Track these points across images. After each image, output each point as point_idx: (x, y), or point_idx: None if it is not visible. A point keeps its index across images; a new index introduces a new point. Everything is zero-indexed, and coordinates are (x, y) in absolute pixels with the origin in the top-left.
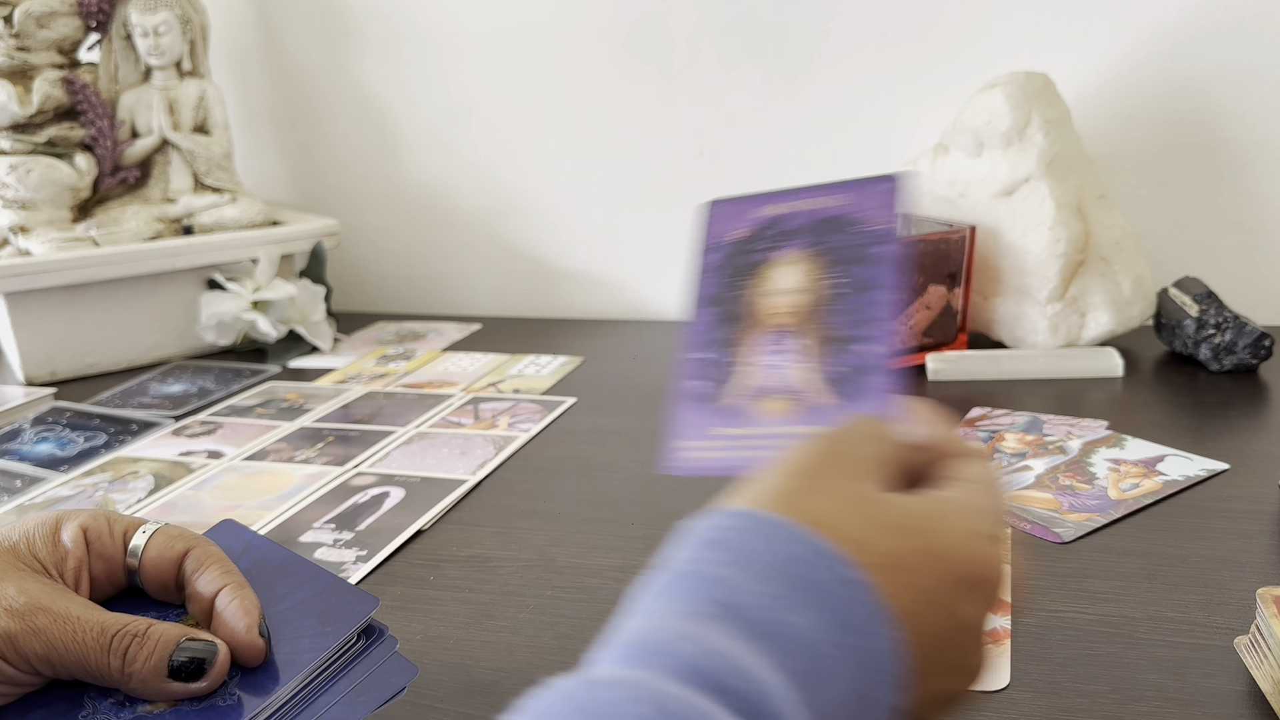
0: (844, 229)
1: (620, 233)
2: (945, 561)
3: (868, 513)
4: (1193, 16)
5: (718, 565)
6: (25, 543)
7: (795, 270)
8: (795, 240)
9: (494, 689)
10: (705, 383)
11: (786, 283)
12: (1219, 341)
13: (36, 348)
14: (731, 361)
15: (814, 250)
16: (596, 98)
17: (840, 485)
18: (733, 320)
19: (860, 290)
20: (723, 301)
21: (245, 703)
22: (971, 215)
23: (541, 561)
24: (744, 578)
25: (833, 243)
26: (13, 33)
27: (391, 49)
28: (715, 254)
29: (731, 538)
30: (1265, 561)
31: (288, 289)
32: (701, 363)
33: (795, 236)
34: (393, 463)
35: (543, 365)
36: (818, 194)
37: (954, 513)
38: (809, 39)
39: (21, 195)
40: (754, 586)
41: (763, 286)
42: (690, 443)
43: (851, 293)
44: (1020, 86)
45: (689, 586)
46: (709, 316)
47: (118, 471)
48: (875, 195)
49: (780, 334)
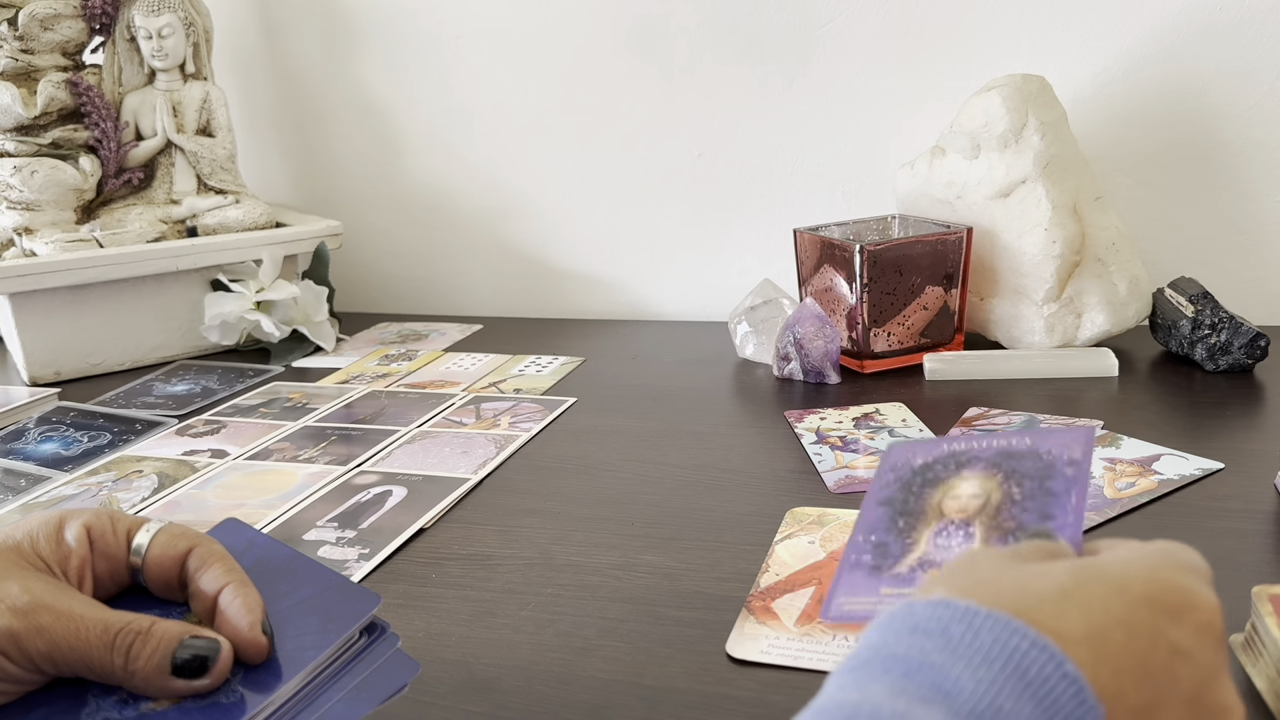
0: (1031, 457)
1: (620, 233)
2: (1130, 588)
3: (1058, 592)
4: (1189, 19)
5: (928, 651)
6: (29, 541)
7: (977, 481)
8: (979, 464)
9: (495, 686)
10: (875, 558)
11: (968, 489)
12: (1214, 342)
13: (41, 348)
14: (905, 544)
15: (998, 469)
16: (597, 100)
17: (1018, 571)
18: (909, 514)
19: (1045, 494)
20: (898, 502)
21: (248, 700)
22: (968, 216)
23: (542, 560)
24: (955, 663)
25: (1019, 465)
26: (17, 35)
27: (394, 51)
28: (892, 473)
29: (936, 626)
30: (1260, 560)
31: (291, 289)
32: (873, 544)
33: (979, 462)
34: (395, 462)
35: (543, 365)
36: (1003, 437)
37: (1130, 558)
38: (808, 41)
39: (26, 197)
40: (966, 673)
41: (942, 492)
42: (855, 598)
43: (1035, 495)
44: (1017, 89)
45: (900, 670)
46: (883, 512)
47: (121, 471)
48: (1064, 436)
49: (957, 524)
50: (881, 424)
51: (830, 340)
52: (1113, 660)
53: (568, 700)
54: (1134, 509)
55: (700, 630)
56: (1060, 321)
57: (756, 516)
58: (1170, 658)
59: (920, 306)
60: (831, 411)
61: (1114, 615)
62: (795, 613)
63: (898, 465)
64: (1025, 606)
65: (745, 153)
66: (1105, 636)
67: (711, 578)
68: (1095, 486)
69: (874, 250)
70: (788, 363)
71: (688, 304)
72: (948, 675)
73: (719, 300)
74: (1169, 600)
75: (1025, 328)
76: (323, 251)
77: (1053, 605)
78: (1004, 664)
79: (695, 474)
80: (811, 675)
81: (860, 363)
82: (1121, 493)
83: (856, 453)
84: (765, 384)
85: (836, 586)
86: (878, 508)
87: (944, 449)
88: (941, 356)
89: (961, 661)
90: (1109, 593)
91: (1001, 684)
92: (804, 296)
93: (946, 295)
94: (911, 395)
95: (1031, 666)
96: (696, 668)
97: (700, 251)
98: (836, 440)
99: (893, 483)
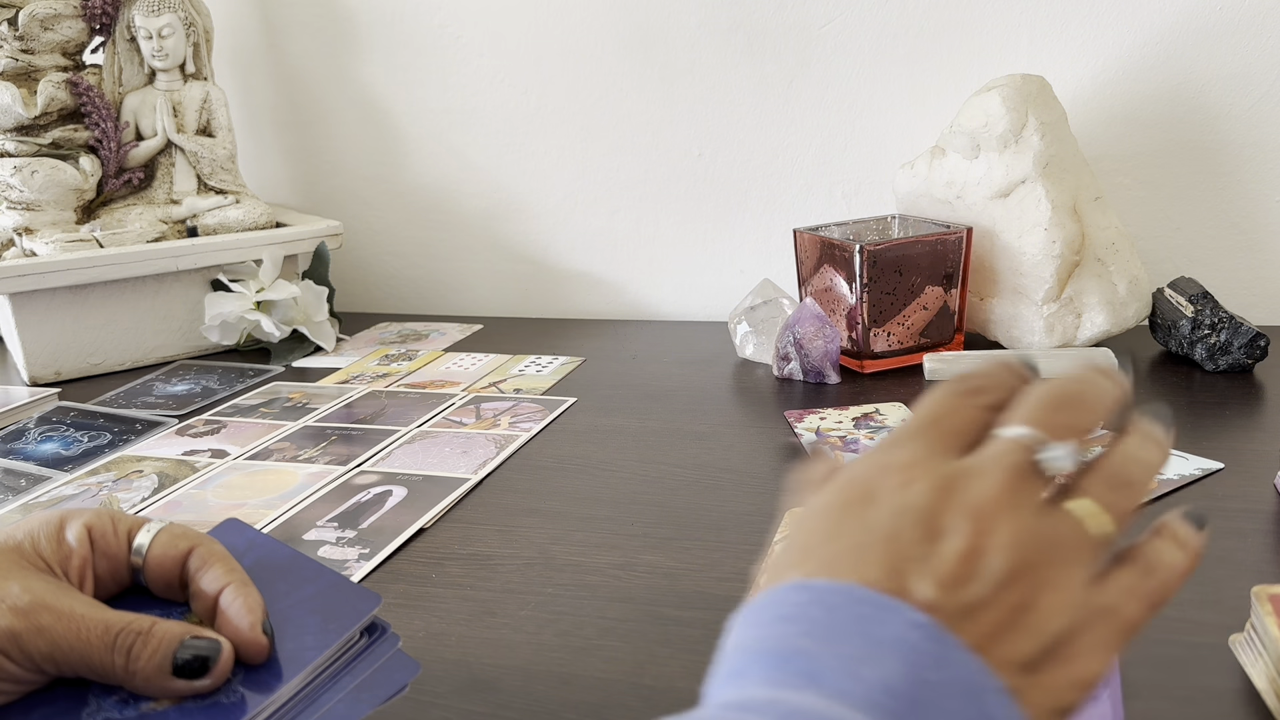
0: None
1: (620, 234)
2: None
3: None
4: (1189, 19)
5: (795, 638)
6: (30, 541)
7: None
8: None
9: (495, 685)
10: None
11: None
12: (1214, 341)
13: (41, 348)
14: None
15: None
16: (597, 100)
17: (846, 527)
18: None
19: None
20: None
21: (249, 700)
22: (968, 216)
23: (542, 559)
24: (819, 646)
25: None
26: (17, 35)
27: (394, 52)
28: None
29: (798, 612)
30: (1260, 560)
31: (291, 289)
32: None
33: None
34: (395, 462)
35: (543, 365)
36: None
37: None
38: (807, 42)
39: (26, 197)
40: (828, 652)
41: None
42: None
43: None
44: (1017, 89)
45: (773, 662)
46: None
47: (122, 471)
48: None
49: None
50: (881, 424)
51: (830, 340)
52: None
53: (568, 700)
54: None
55: (700, 630)
56: (1060, 321)
57: (756, 516)
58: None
59: (920, 306)
60: (831, 411)
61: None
62: None
63: None
64: (864, 564)
65: (745, 153)
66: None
67: (711, 578)
68: None
69: (874, 250)
70: (788, 363)
71: (687, 304)
72: (814, 659)
73: (719, 300)
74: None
75: (1025, 328)
76: (323, 251)
77: (881, 553)
78: (859, 634)
79: (695, 474)
80: None
81: (860, 363)
82: None
83: (856, 453)
84: (765, 384)
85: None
86: None
87: None
88: (941, 356)
89: (823, 642)
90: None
91: (862, 655)
92: (804, 296)
93: (946, 295)
94: (911, 395)
95: (883, 629)
96: (696, 668)
97: (700, 251)
98: (836, 440)
99: None
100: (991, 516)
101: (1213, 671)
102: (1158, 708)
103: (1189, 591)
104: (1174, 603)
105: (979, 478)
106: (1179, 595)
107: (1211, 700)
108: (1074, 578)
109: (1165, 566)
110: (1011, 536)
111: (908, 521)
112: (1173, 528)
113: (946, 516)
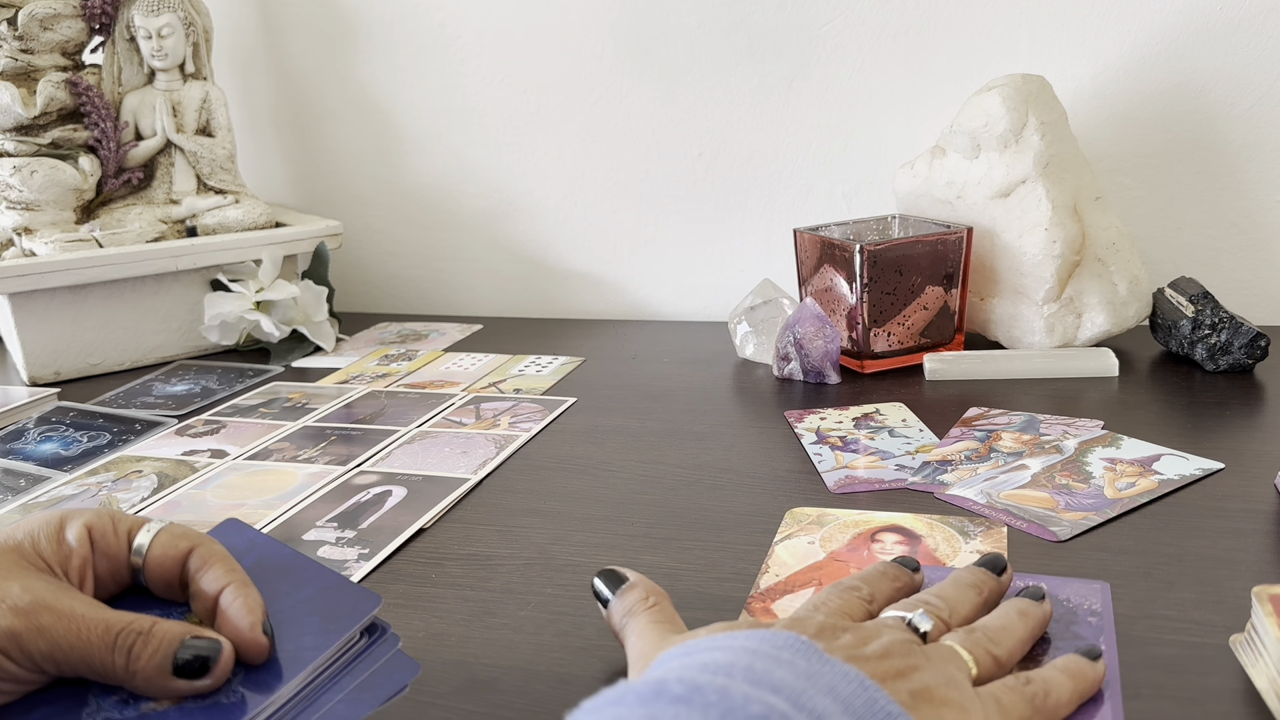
0: (1052, 602)
1: (620, 233)
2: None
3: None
4: (1189, 18)
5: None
6: (30, 541)
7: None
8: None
9: (495, 686)
10: None
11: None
12: (1214, 342)
13: (41, 348)
14: None
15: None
16: (597, 99)
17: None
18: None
19: (1073, 637)
20: None
21: (249, 700)
22: (968, 216)
23: (542, 559)
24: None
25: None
26: (16, 35)
27: (393, 52)
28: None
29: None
30: (1260, 560)
31: (291, 289)
32: None
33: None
34: (395, 462)
35: (543, 365)
36: (1018, 579)
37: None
38: (807, 42)
39: (26, 197)
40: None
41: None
42: None
43: (1065, 637)
44: (1017, 89)
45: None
46: None
47: (121, 471)
48: (1079, 586)
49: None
50: (881, 424)
51: (830, 340)
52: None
53: (568, 700)
54: (1134, 509)
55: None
56: (1060, 321)
57: (756, 516)
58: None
59: (920, 306)
60: (831, 411)
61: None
62: None
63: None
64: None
65: (745, 153)
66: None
67: (711, 578)
68: (1096, 487)
69: (874, 250)
70: (788, 363)
71: (687, 304)
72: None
73: (719, 300)
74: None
75: (1025, 328)
76: (322, 251)
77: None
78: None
79: (695, 474)
80: None
81: (860, 363)
82: (1122, 493)
83: (856, 453)
84: (765, 384)
85: None
86: None
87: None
88: (941, 356)
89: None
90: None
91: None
92: (804, 296)
93: (946, 295)
94: (911, 395)
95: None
96: None
97: (700, 251)
98: (836, 440)
99: None
100: (878, 644)
101: (1213, 671)
102: (1158, 708)
103: (1189, 591)
104: (1174, 603)
105: (875, 638)
106: (1179, 596)
107: (1211, 700)
108: (961, 677)
109: (1057, 686)
110: (900, 651)
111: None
112: (1072, 660)
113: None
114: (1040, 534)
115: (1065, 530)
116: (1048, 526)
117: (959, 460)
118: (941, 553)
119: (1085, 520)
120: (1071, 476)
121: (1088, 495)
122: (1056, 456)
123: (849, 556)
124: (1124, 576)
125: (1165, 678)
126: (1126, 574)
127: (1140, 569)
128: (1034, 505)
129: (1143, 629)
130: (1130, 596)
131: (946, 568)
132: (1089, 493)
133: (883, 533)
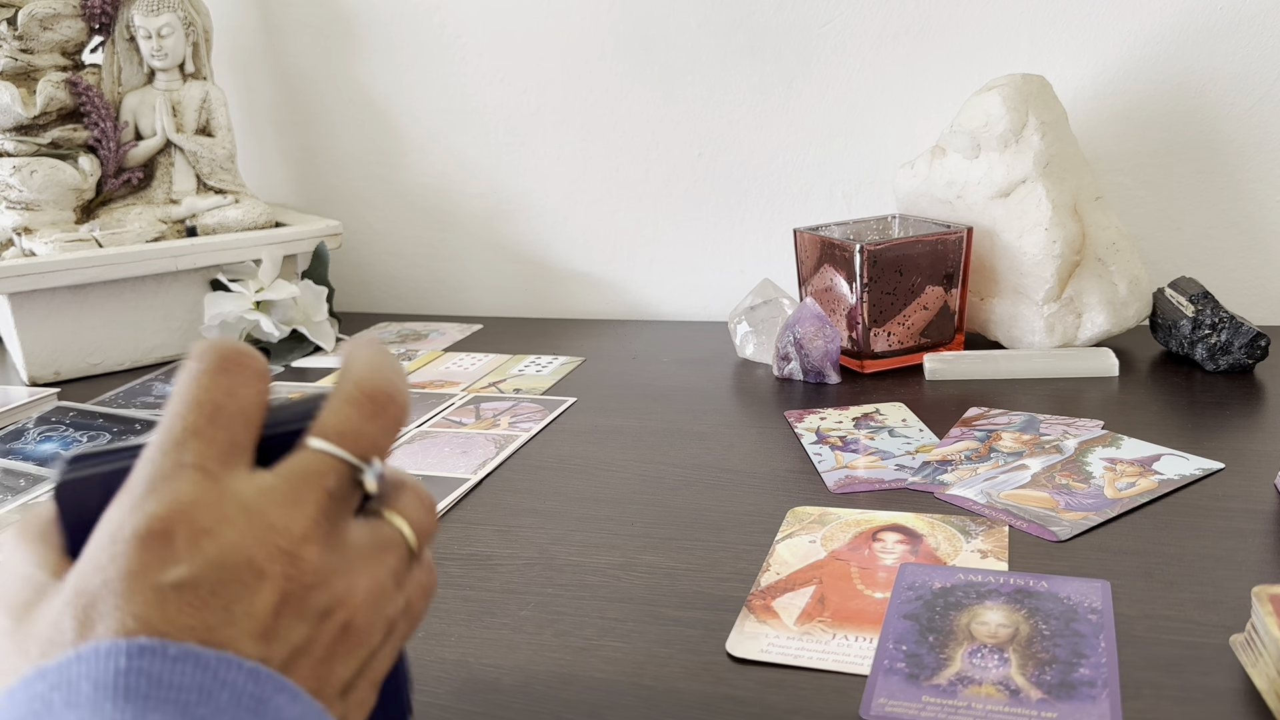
0: (1051, 599)
1: (620, 233)
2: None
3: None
4: (1189, 18)
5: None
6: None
7: (1003, 612)
8: (999, 597)
9: (495, 686)
10: (911, 667)
11: (995, 618)
12: (1215, 341)
13: (40, 348)
14: (939, 658)
15: (1021, 605)
16: (597, 99)
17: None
18: (937, 631)
19: (1073, 634)
20: (924, 619)
21: None
22: (969, 216)
23: (542, 559)
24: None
25: (1041, 605)
26: (16, 34)
27: (394, 52)
28: (911, 590)
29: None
30: (1260, 560)
31: (290, 289)
32: (905, 653)
33: (1000, 595)
34: (394, 462)
35: (543, 365)
36: (1019, 577)
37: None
38: (807, 42)
39: (26, 197)
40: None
41: (969, 617)
42: (896, 702)
43: (1064, 634)
44: (1017, 88)
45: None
46: (910, 626)
47: None
48: (1080, 585)
49: (990, 648)
50: (882, 424)
51: (830, 340)
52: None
53: (568, 700)
54: (1134, 509)
55: (700, 630)
56: (1060, 321)
57: (756, 516)
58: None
59: (920, 306)
60: (831, 411)
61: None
62: (795, 611)
63: (916, 584)
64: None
65: (745, 153)
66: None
67: (711, 577)
68: (1096, 486)
69: (874, 250)
70: (788, 363)
71: (687, 304)
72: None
73: (719, 300)
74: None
75: (1025, 328)
76: (322, 251)
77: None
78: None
79: (695, 474)
80: (811, 674)
81: (860, 363)
82: (1122, 493)
83: (856, 453)
84: (765, 384)
85: (874, 687)
86: (902, 620)
87: (960, 578)
88: (941, 356)
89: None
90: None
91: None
92: (804, 296)
93: (946, 295)
94: (911, 395)
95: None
96: (696, 667)
97: (700, 251)
98: (836, 440)
99: (914, 599)
100: (307, 553)
101: (1213, 671)
102: (1158, 708)
103: (1189, 591)
104: (1174, 603)
105: (290, 506)
106: (1179, 596)
107: (1212, 700)
108: (389, 585)
109: (429, 563)
110: (330, 567)
111: (225, 577)
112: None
113: (261, 561)
114: (1040, 534)
115: (1065, 530)
116: (1048, 526)
117: (959, 460)
118: (943, 552)
119: (1085, 520)
120: (1071, 476)
121: (1088, 495)
122: (1057, 456)
123: (850, 555)
124: (1124, 576)
125: (1165, 677)
126: (1126, 574)
127: (1140, 569)
128: (1034, 505)
129: (1143, 629)
130: (1130, 596)
131: (948, 567)
132: (1089, 492)
133: (884, 532)
